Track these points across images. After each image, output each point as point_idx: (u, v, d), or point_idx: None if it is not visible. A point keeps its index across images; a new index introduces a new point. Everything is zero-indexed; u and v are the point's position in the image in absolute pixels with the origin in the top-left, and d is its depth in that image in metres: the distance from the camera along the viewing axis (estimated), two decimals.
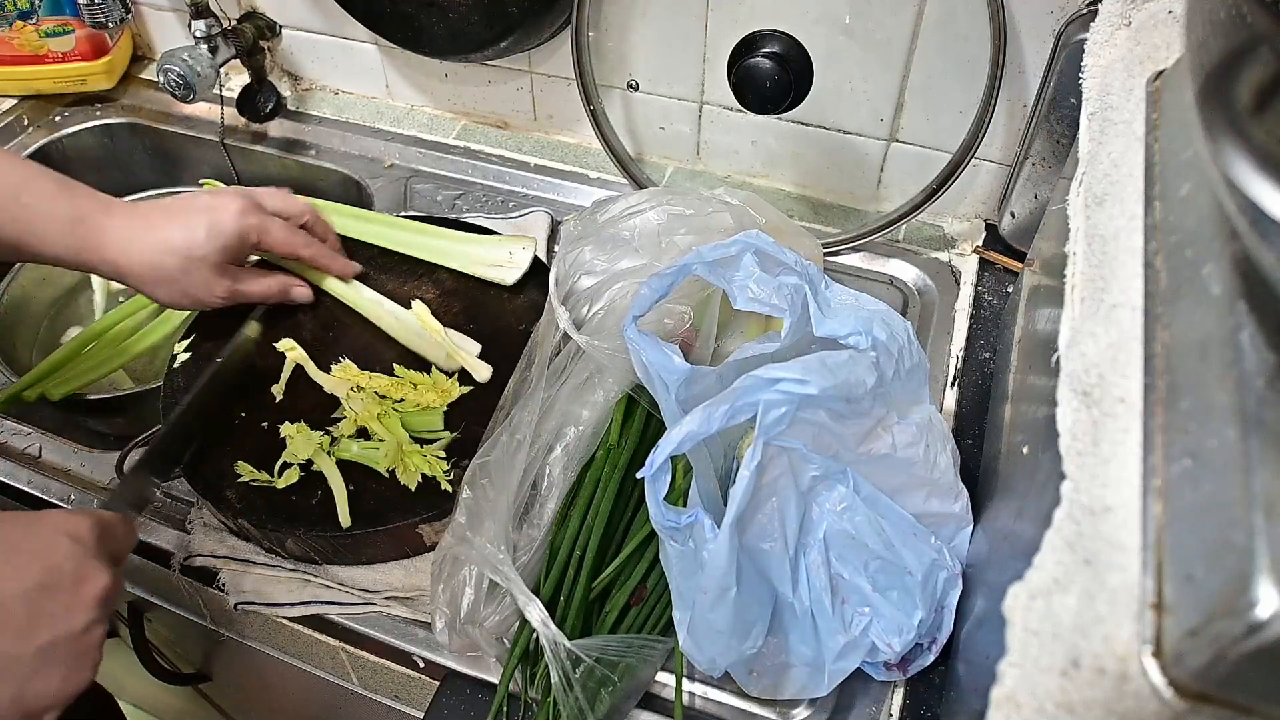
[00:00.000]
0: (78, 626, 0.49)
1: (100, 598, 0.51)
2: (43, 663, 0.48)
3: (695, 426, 0.52)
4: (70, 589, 0.50)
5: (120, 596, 0.55)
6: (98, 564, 0.51)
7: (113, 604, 0.53)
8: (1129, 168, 0.46)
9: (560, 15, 0.91)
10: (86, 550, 0.51)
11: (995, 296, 0.87)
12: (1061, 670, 0.34)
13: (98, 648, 0.51)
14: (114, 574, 0.52)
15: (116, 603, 0.54)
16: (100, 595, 0.51)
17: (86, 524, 0.52)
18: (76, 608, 0.50)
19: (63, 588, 0.49)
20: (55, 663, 0.49)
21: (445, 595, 0.62)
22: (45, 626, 0.48)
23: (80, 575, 0.50)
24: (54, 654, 0.49)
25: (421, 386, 0.75)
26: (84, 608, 0.50)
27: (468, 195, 1.01)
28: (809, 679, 0.59)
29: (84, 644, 0.50)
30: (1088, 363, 0.40)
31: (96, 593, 0.51)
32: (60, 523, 0.52)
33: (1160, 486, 0.34)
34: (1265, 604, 0.28)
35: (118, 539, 0.55)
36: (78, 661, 0.50)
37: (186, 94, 0.97)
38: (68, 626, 0.49)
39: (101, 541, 0.53)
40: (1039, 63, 0.80)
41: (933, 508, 0.61)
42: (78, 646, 0.50)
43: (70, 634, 0.49)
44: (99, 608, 0.51)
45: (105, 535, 0.53)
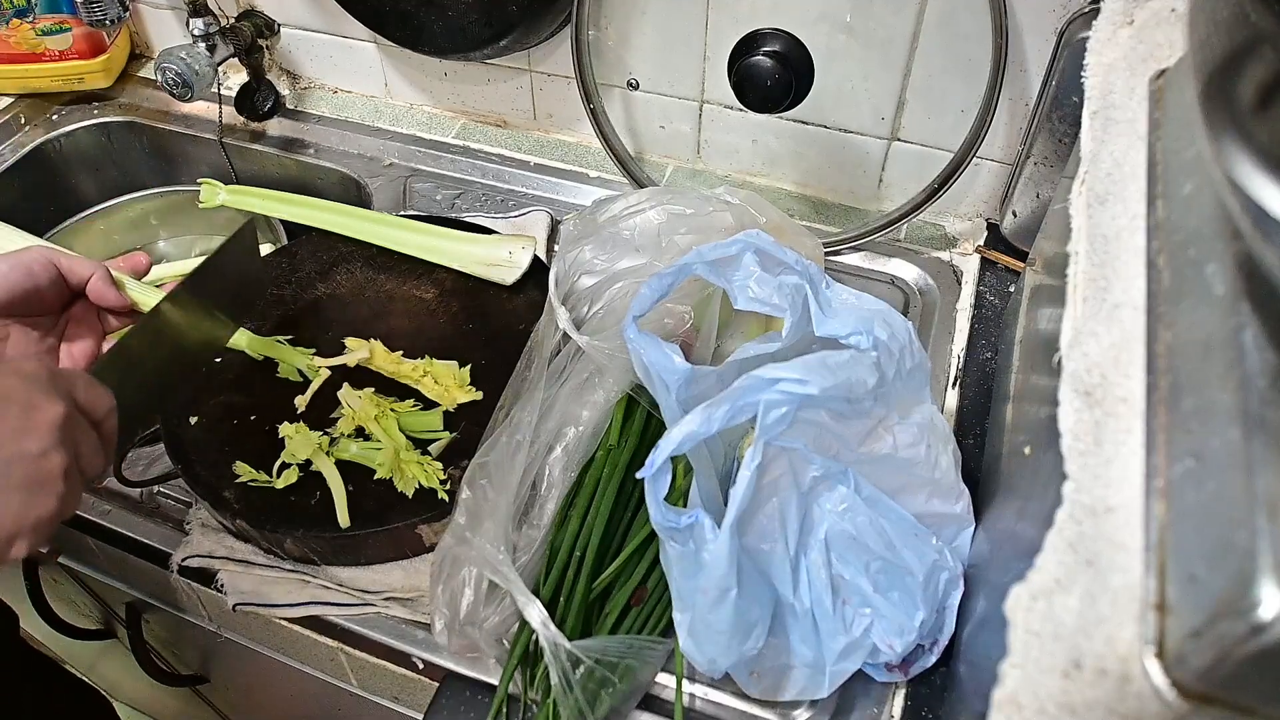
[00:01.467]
0: (30, 450, 0.48)
1: (53, 424, 0.49)
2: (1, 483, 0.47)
3: (695, 426, 0.51)
4: (19, 414, 0.48)
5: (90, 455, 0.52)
6: (49, 395, 0.50)
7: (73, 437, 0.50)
8: (1131, 167, 0.46)
9: (560, 14, 0.91)
10: (37, 383, 0.50)
11: (997, 296, 0.87)
12: (1063, 671, 0.34)
13: (59, 478, 0.49)
14: (70, 407, 0.50)
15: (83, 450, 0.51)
16: (53, 421, 0.49)
17: (36, 364, 0.51)
18: (27, 431, 0.48)
19: (10, 412, 0.48)
20: (10, 487, 0.47)
21: (445, 596, 0.62)
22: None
23: (30, 403, 0.49)
24: (7, 477, 0.47)
25: (444, 380, 0.75)
26: (35, 431, 0.48)
27: (467, 194, 1.01)
28: (810, 680, 0.59)
29: (42, 469, 0.48)
30: (1090, 362, 0.40)
31: (49, 419, 0.49)
32: (8, 364, 0.50)
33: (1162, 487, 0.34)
34: (1268, 605, 0.27)
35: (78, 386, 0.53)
36: (39, 488, 0.48)
37: (184, 92, 0.97)
38: (18, 448, 0.48)
39: (55, 380, 0.51)
40: (1041, 61, 0.80)
41: (934, 508, 0.61)
42: (34, 471, 0.48)
43: (22, 456, 0.48)
44: (52, 433, 0.49)
45: (59, 377, 0.52)
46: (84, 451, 0.52)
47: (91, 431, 0.53)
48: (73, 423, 0.51)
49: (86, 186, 1.15)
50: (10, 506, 0.47)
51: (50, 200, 1.10)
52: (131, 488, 0.76)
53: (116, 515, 0.75)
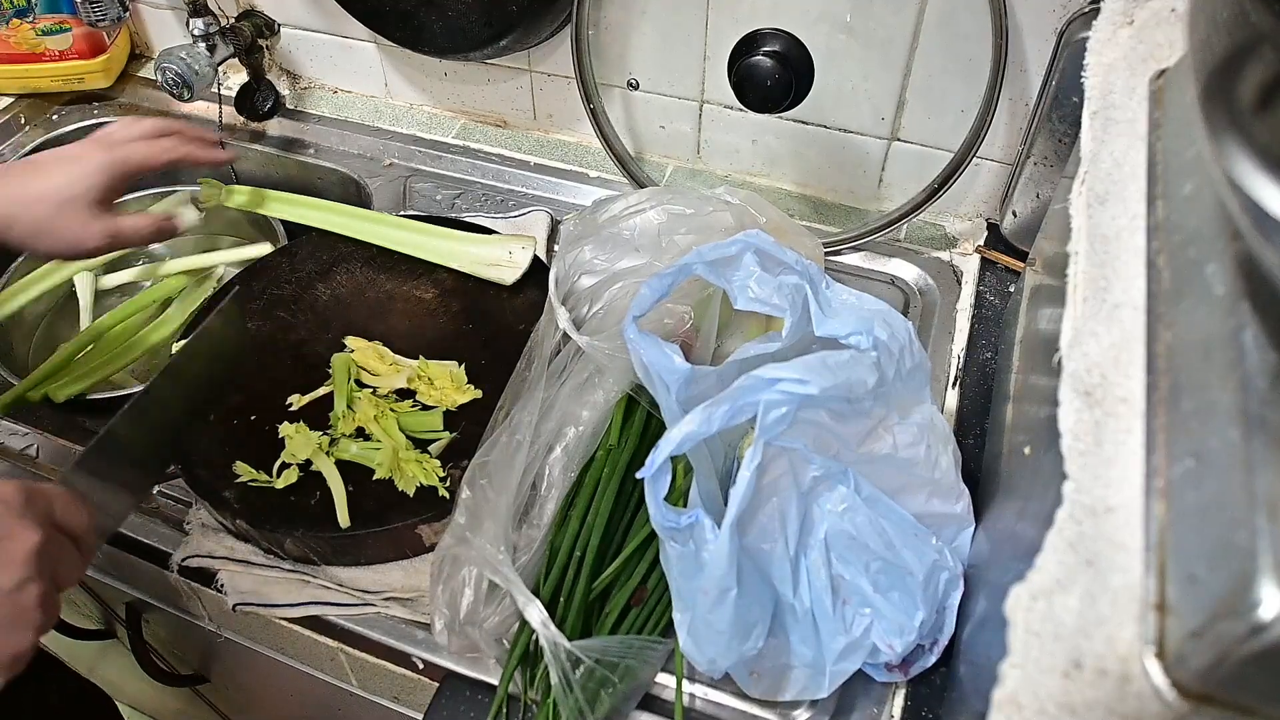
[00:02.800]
0: (5, 585, 0.48)
1: (29, 554, 0.49)
2: None
3: (695, 426, 0.51)
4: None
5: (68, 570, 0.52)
6: (25, 523, 0.49)
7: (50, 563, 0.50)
8: (1131, 167, 0.46)
9: (560, 14, 0.91)
10: (10, 510, 0.49)
11: (997, 296, 0.87)
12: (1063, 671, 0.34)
13: (36, 608, 0.49)
14: (47, 534, 0.50)
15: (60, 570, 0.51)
16: (29, 552, 0.49)
17: (11, 488, 0.51)
18: (2, 565, 0.48)
19: None
20: None
21: (445, 596, 0.62)
22: None
23: (4, 533, 0.49)
24: None
25: (439, 381, 0.75)
26: (10, 565, 0.48)
27: (467, 194, 1.01)
28: (810, 680, 0.59)
29: (18, 604, 0.48)
30: (1090, 362, 0.40)
31: (24, 550, 0.48)
32: None
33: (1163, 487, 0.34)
34: (1268, 605, 0.27)
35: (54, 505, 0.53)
36: (14, 623, 0.48)
37: (184, 93, 0.97)
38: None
39: (31, 504, 0.51)
40: (1041, 61, 0.80)
41: (934, 508, 0.61)
42: (10, 607, 0.48)
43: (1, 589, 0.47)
44: (28, 565, 0.48)
45: (35, 499, 0.51)
46: (61, 571, 0.52)
47: (70, 548, 0.53)
48: (50, 546, 0.50)
49: None
50: None
51: None
52: None
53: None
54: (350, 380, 0.75)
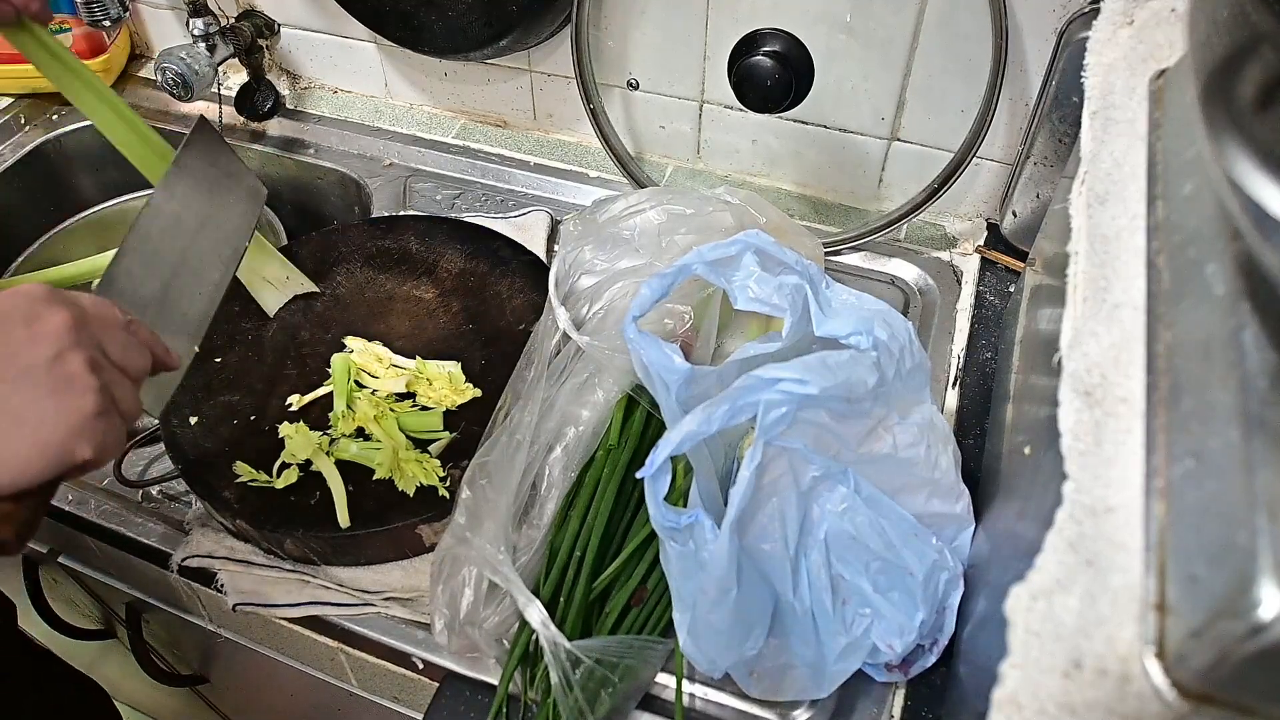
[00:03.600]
0: (44, 355, 0.48)
1: (59, 328, 0.49)
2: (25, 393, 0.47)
3: (695, 426, 0.51)
4: (21, 327, 0.48)
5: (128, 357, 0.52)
6: (49, 304, 0.50)
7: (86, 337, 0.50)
8: (1131, 167, 0.46)
9: (560, 14, 0.91)
10: (35, 299, 0.50)
11: (997, 296, 0.87)
12: (1063, 671, 0.34)
13: (85, 373, 0.49)
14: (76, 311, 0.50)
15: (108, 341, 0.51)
16: (58, 326, 0.49)
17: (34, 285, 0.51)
18: (36, 340, 0.48)
19: (12, 330, 0.48)
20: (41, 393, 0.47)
21: (445, 596, 0.62)
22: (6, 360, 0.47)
23: (31, 315, 0.49)
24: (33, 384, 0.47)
25: (438, 382, 0.75)
26: (44, 339, 0.48)
27: (467, 194, 1.01)
28: (810, 680, 0.59)
29: (63, 371, 0.48)
30: (1090, 363, 0.40)
31: (53, 325, 0.49)
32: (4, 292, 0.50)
33: (1162, 487, 0.34)
34: (1268, 605, 0.27)
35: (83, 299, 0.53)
36: (66, 389, 0.48)
37: (184, 93, 0.97)
38: (31, 357, 0.48)
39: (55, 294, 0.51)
40: (1041, 61, 0.80)
41: (934, 508, 0.61)
42: (56, 374, 0.48)
43: (37, 363, 0.48)
44: (60, 336, 0.49)
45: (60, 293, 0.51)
46: (113, 350, 0.52)
47: (115, 329, 0.53)
48: (84, 323, 0.51)
49: (86, 186, 1.15)
50: (46, 414, 0.47)
51: (50, 200, 1.10)
52: (131, 488, 0.76)
53: (116, 515, 0.75)
54: (350, 380, 0.75)
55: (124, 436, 0.52)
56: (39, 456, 0.48)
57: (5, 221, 1.05)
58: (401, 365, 0.77)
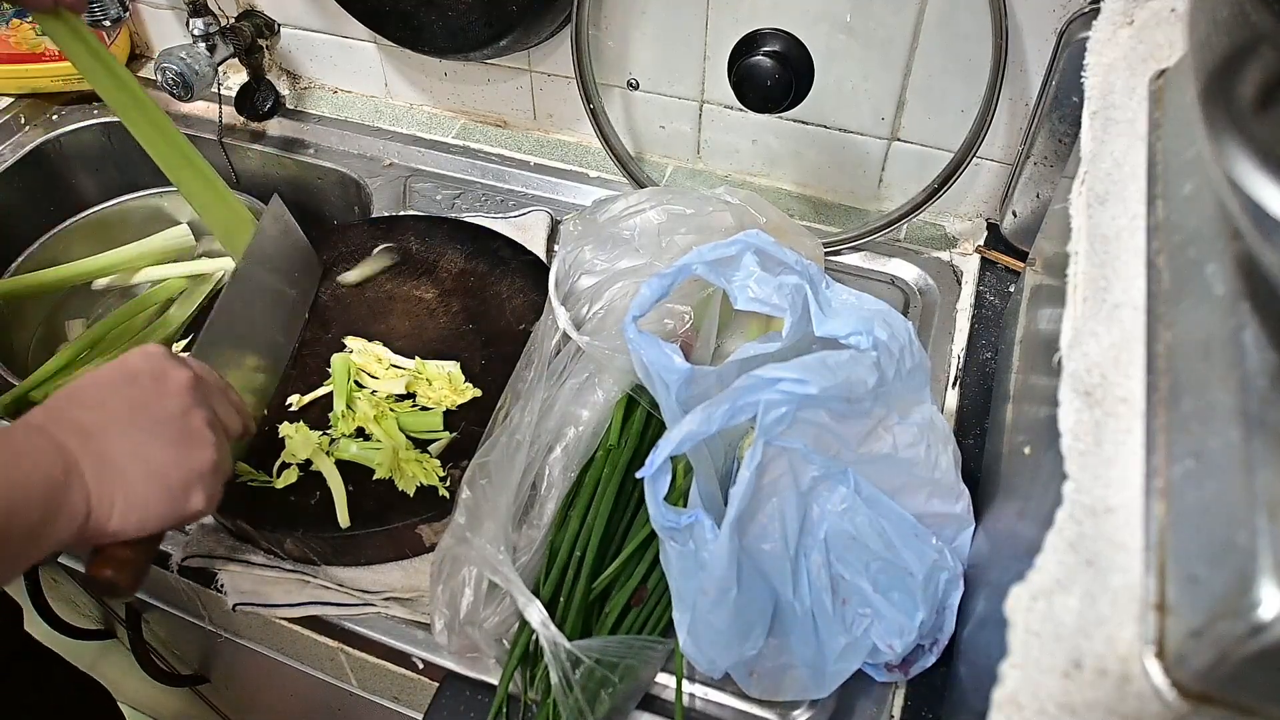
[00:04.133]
0: (174, 409, 0.52)
1: (185, 386, 0.53)
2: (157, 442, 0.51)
3: (695, 426, 0.51)
4: (152, 383, 0.52)
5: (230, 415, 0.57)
6: (174, 364, 0.54)
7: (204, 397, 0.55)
8: (1131, 167, 0.46)
9: (560, 14, 0.91)
10: (161, 358, 0.54)
11: (997, 296, 0.87)
12: (1063, 671, 0.34)
13: (206, 429, 0.53)
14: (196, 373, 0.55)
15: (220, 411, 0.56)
16: (184, 384, 0.53)
17: (155, 346, 0.55)
18: (165, 394, 0.52)
19: (144, 382, 0.52)
20: (169, 442, 0.51)
21: (445, 596, 0.62)
22: (141, 410, 0.51)
23: (159, 372, 0.53)
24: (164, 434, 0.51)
25: (437, 383, 0.75)
26: (173, 394, 0.53)
27: (467, 194, 1.01)
28: (809, 680, 0.59)
29: (188, 425, 0.53)
30: (1090, 363, 0.40)
31: (180, 382, 0.53)
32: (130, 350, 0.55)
33: (1162, 487, 0.34)
34: (1268, 605, 0.27)
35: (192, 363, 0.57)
36: (191, 441, 0.52)
37: (184, 93, 0.97)
38: (161, 410, 0.52)
39: (173, 356, 0.55)
40: (1041, 61, 0.80)
41: (934, 508, 0.61)
42: (182, 427, 0.52)
43: (167, 416, 0.52)
44: (187, 394, 0.53)
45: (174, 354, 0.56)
46: (220, 411, 0.56)
47: (222, 393, 0.58)
48: (202, 384, 0.55)
49: (86, 186, 1.15)
50: (172, 461, 0.51)
51: (50, 200, 1.10)
52: None
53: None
54: (350, 380, 0.75)
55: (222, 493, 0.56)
56: (165, 504, 0.51)
57: (5, 221, 1.05)
58: (401, 365, 0.77)
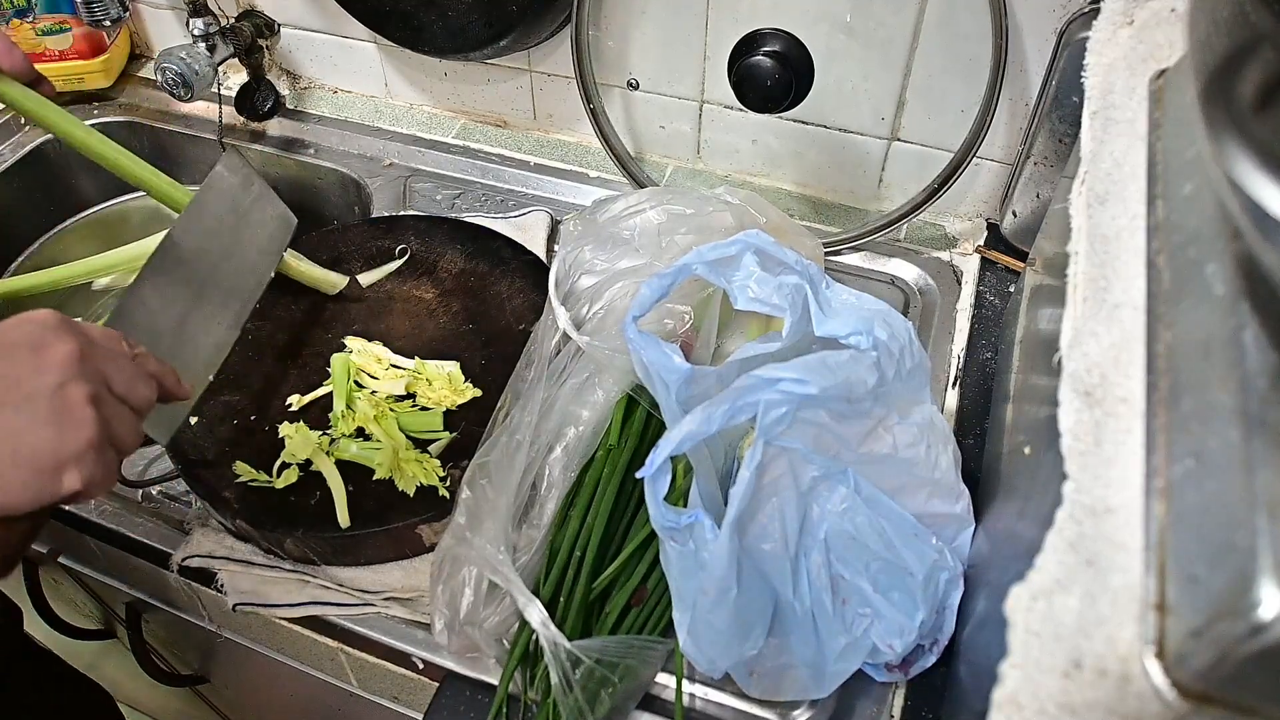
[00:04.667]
0: (48, 384, 0.49)
1: (65, 358, 0.50)
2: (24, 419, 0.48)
3: (695, 426, 0.51)
4: (28, 355, 0.49)
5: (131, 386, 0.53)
6: (58, 333, 0.50)
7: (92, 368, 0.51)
8: (1131, 167, 0.45)
9: (560, 14, 0.91)
10: (45, 326, 0.50)
11: (997, 296, 0.87)
12: (1063, 671, 0.34)
13: (85, 404, 0.50)
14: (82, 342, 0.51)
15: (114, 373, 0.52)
16: (65, 356, 0.50)
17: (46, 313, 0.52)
18: (41, 369, 0.49)
19: (19, 355, 0.49)
20: (39, 421, 0.48)
21: (445, 596, 0.62)
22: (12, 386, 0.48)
23: (39, 343, 0.50)
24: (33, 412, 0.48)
25: (437, 383, 0.75)
26: (49, 368, 0.49)
27: (467, 194, 1.01)
28: (809, 680, 0.59)
29: (64, 401, 0.49)
30: (1090, 362, 0.40)
31: (60, 355, 0.50)
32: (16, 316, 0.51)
33: (1162, 487, 0.34)
34: (1268, 605, 0.27)
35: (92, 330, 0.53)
36: (65, 417, 0.49)
37: (184, 93, 0.97)
38: (33, 385, 0.48)
39: (65, 323, 0.51)
40: (1041, 61, 0.80)
41: (934, 508, 0.61)
42: (57, 404, 0.49)
43: (40, 391, 0.48)
44: (66, 367, 0.49)
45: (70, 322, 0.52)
46: (117, 381, 0.52)
47: (122, 361, 0.53)
48: (91, 354, 0.51)
49: (86, 186, 1.15)
50: (43, 440, 0.48)
51: (50, 200, 1.10)
52: (131, 488, 0.76)
53: (116, 515, 0.75)
54: (350, 380, 0.75)
55: (117, 469, 0.53)
56: (31, 484, 0.48)
57: (5, 221, 1.05)
58: (401, 365, 0.77)
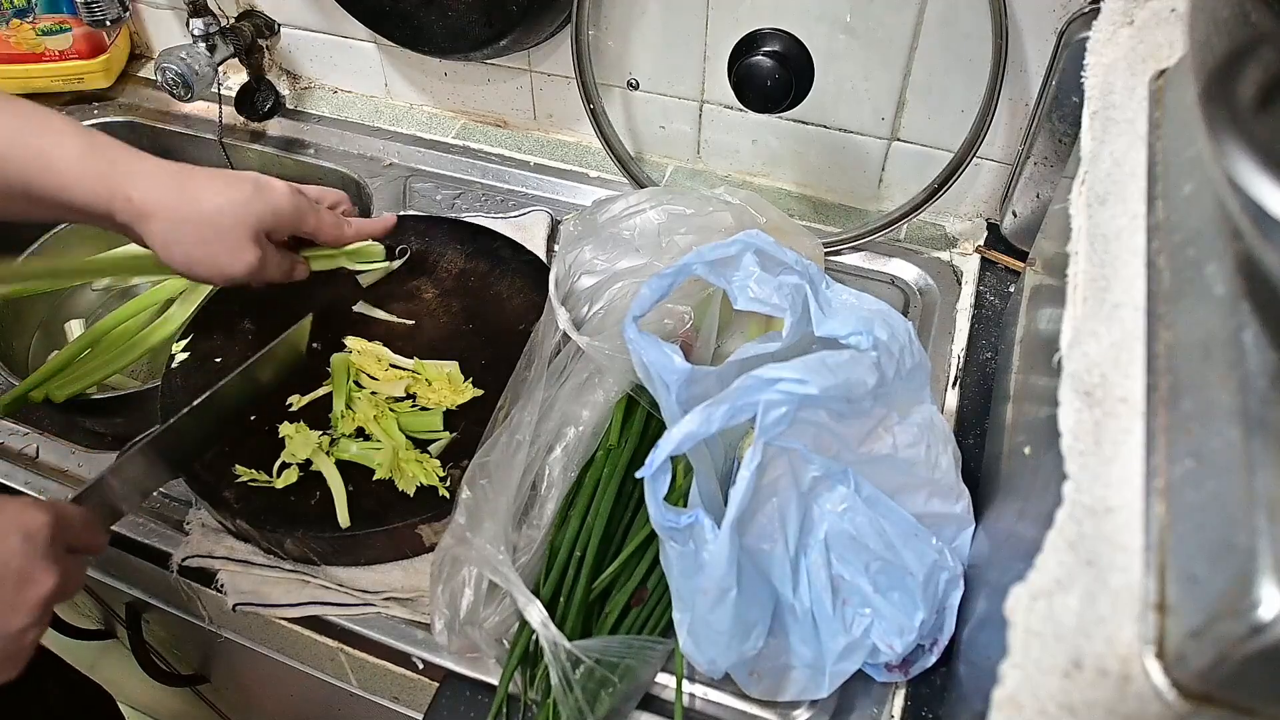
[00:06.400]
0: (14, 628, 0.49)
1: (42, 601, 0.50)
2: None
3: (695, 426, 0.51)
4: (12, 590, 0.49)
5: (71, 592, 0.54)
6: (46, 564, 0.50)
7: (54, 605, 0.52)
8: (1131, 167, 0.45)
9: (560, 14, 0.91)
10: (36, 550, 0.50)
11: (997, 296, 0.87)
12: (1063, 671, 0.34)
13: (30, 648, 0.51)
14: (62, 574, 0.51)
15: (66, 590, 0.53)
16: (42, 598, 0.50)
17: (42, 520, 0.51)
18: (17, 609, 0.49)
19: (4, 588, 0.49)
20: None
21: (445, 596, 0.62)
22: None
23: (25, 576, 0.49)
24: None
25: (437, 383, 0.75)
26: (24, 610, 0.49)
27: (467, 194, 1.01)
28: (810, 680, 0.59)
29: (17, 645, 0.50)
30: (1090, 362, 0.40)
31: (39, 596, 0.50)
32: (15, 517, 0.51)
33: (1162, 487, 0.34)
34: (1268, 605, 0.27)
35: (77, 534, 0.54)
36: (8, 661, 0.50)
37: (185, 93, 0.97)
38: (3, 627, 0.49)
39: (56, 539, 0.52)
40: (1041, 61, 0.80)
41: (934, 508, 0.61)
42: (10, 647, 0.49)
43: (4, 634, 0.49)
44: (38, 610, 0.50)
45: (63, 531, 0.52)
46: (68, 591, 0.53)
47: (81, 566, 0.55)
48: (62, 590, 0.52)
49: None
50: None
51: None
52: None
53: None
54: (349, 380, 0.75)
55: None
56: None
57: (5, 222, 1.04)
58: (401, 365, 0.77)
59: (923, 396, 0.60)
